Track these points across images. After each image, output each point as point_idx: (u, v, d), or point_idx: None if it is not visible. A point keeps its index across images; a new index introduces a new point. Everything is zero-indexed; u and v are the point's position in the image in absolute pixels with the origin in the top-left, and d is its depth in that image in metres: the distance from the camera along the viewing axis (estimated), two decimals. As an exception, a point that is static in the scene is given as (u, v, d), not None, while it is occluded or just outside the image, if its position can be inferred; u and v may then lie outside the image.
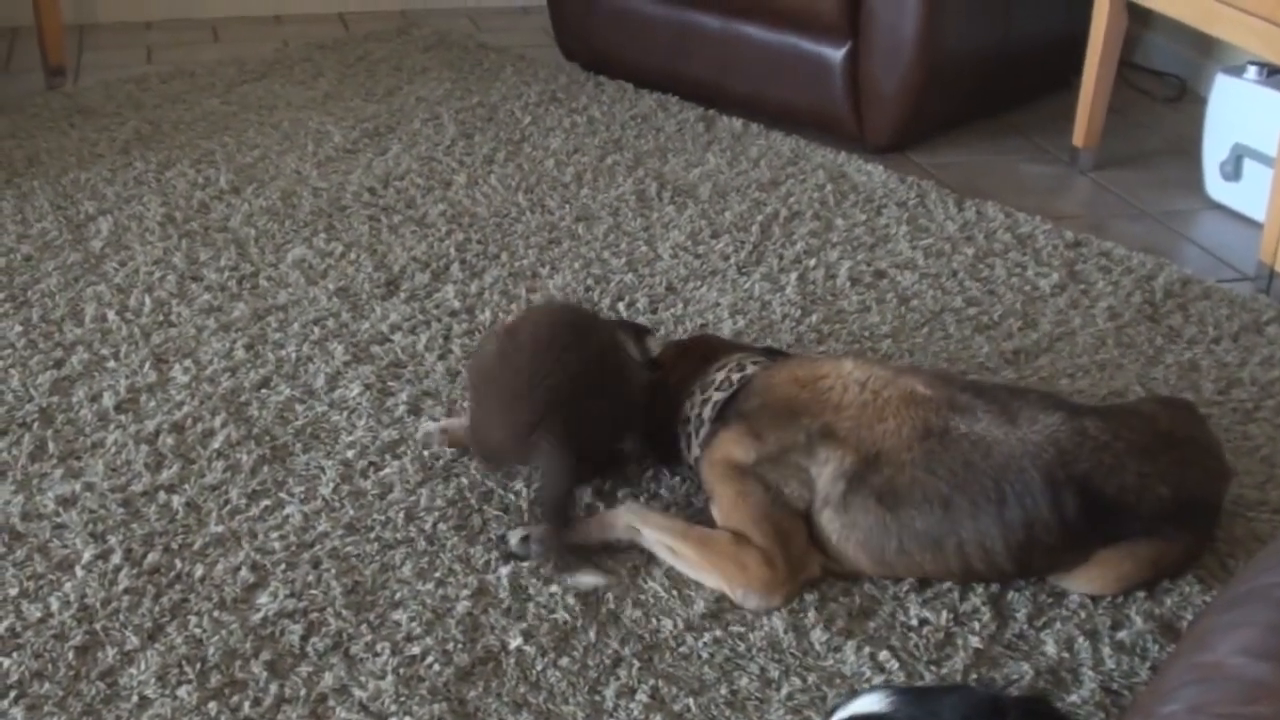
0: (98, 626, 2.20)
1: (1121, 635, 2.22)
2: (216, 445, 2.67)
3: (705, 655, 2.17)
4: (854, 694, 1.73)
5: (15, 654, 2.14)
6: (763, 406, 2.38)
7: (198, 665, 2.12)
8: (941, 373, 2.41)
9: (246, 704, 2.05)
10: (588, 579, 2.30)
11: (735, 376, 2.47)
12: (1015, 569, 2.27)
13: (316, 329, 3.09)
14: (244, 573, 2.33)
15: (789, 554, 2.27)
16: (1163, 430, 2.31)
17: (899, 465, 2.24)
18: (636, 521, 2.38)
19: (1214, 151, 3.95)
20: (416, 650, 2.16)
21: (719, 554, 2.29)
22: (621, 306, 3.20)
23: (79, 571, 2.32)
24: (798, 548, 2.29)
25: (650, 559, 2.36)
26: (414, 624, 2.22)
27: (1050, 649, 2.19)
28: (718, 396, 2.46)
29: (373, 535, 2.43)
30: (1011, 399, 2.31)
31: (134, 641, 2.17)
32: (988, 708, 1.61)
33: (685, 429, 2.51)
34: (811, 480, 2.28)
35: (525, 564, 2.35)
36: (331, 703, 2.06)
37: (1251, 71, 3.87)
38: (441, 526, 2.45)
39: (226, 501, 2.51)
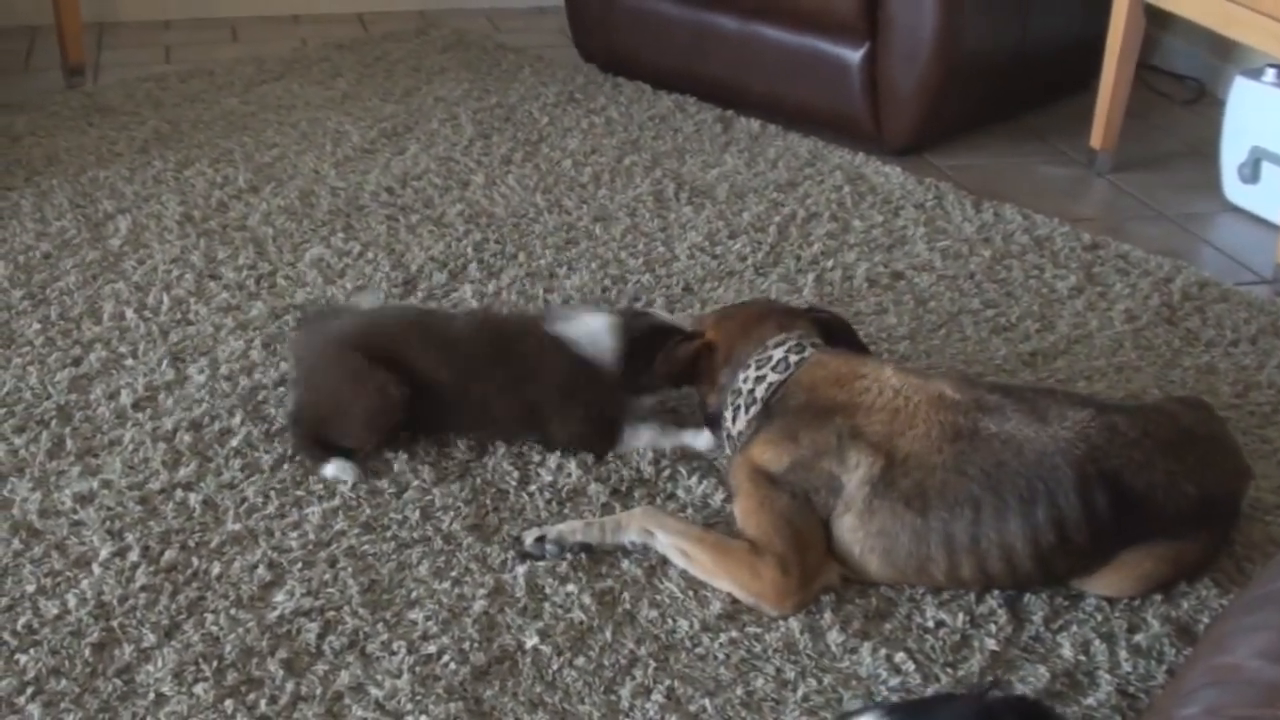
0: (115, 624, 2.20)
1: (1138, 638, 2.22)
2: (234, 444, 2.68)
3: (721, 656, 2.17)
4: (847, 715, 1.73)
5: (32, 650, 2.14)
6: (804, 406, 2.36)
7: (214, 663, 2.13)
8: (969, 376, 2.40)
9: (263, 702, 2.06)
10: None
11: (794, 359, 2.44)
12: (1039, 573, 2.26)
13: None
14: (261, 571, 2.33)
15: (805, 563, 2.26)
16: (1186, 428, 2.30)
17: (929, 468, 2.23)
18: (651, 524, 2.38)
19: (1232, 154, 3.94)
20: (433, 649, 2.17)
21: (733, 561, 2.29)
22: (639, 307, 3.19)
23: (96, 569, 2.32)
24: (815, 557, 2.28)
25: (666, 559, 2.36)
26: (430, 623, 2.22)
27: (1066, 652, 2.19)
28: (774, 377, 2.43)
29: (389, 534, 2.44)
30: (1038, 397, 2.31)
31: (151, 639, 2.17)
32: (980, 716, 1.61)
33: (735, 400, 2.49)
34: (841, 486, 2.27)
35: (541, 563, 2.35)
36: (348, 701, 2.07)
37: (1270, 74, 3.86)
38: (457, 525, 2.46)
39: (244, 500, 2.52)
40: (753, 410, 2.44)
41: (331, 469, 2.58)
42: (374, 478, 2.58)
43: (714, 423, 2.58)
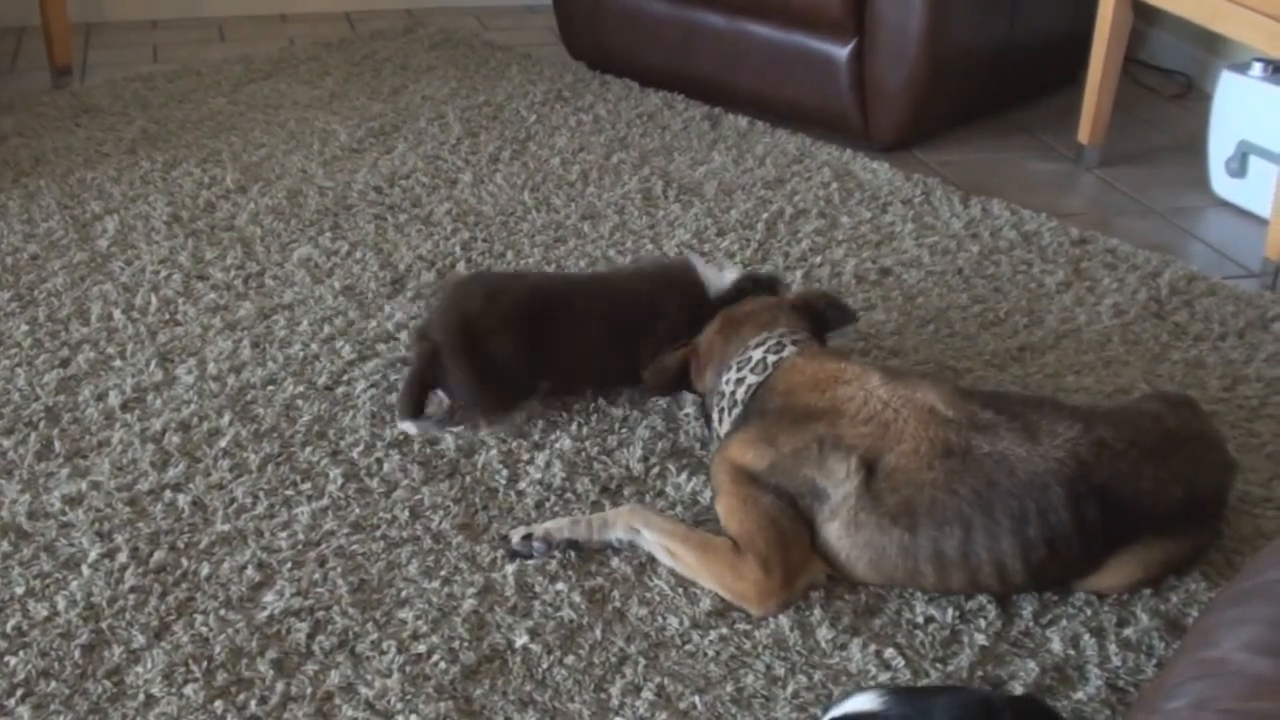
0: (104, 625, 2.20)
1: (1127, 632, 2.22)
2: (223, 444, 2.67)
3: (711, 653, 2.17)
4: (846, 694, 1.73)
5: (22, 652, 2.14)
6: (782, 410, 2.35)
7: (204, 664, 2.13)
8: (960, 389, 2.38)
9: (253, 702, 2.06)
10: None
11: (772, 359, 2.44)
12: (1030, 584, 2.27)
13: (323, 327, 3.09)
14: (250, 571, 2.33)
15: (788, 562, 2.26)
16: (1170, 430, 2.31)
17: (918, 485, 2.22)
18: (638, 522, 2.38)
19: (1219, 148, 3.94)
20: (423, 648, 2.17)
21: (716, 560, 2.29)
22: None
23: (85, 570, 2.32)
24: (798, 556, 2.28)
25: (655, 557, 2.36)
26: (420, 622, 2.22)
27: (1056, 646, 2.19)
28: (752, 379, 2.44)
29: (379, 533, 2.44)
30: (1029, 411, 2.28)
31: (140, 640, 2.17)
32: (980, 708, 1.61)
33: (719, 402, 2.50)
34: (825, 494, 2.27)
35: (530, 562, 2.35)
36: (338, 701, 2.07)
37: (1257, 68, 3.86)
38: (446, 524, 2.46)
39: (233, 500, 2.52)
40: (734, 412, 2.44)
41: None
42: (364, 476, 2.58)
43: (709, 424, 2.59)
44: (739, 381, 2.45)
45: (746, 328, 2.54)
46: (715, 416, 2.51)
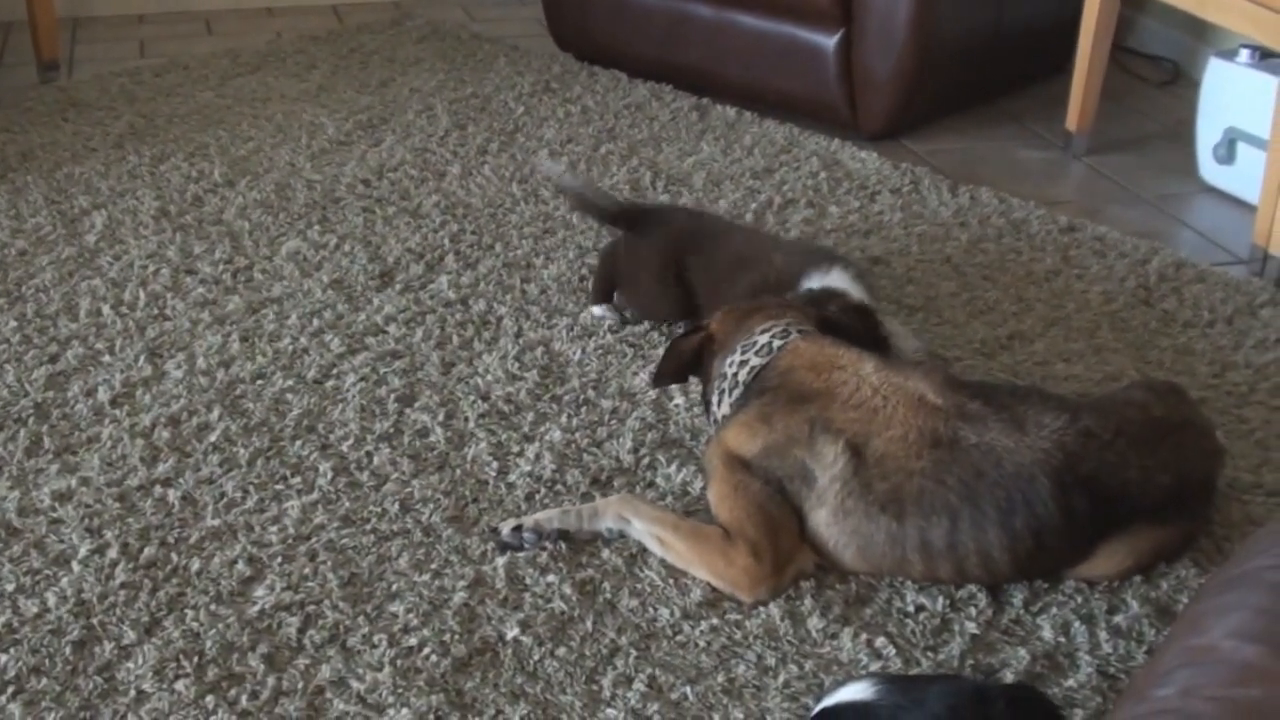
0: (95, 621, 2.20)
1: (1118, 619, 2.22)
2: (212, 439, 2.67)
3: (702, 643, 2.17)
4: (839, 683, 1.73)
5: (12, 649, 2.14)
6: (779, 388, 2.36)
7: (195, 659, 2.13)
8: (951, 378, 2.38)
9: (244, 697, 2.06)
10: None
11: (777, 344, 2.44)
12: (1017, 575, 2.27)
13: (311, 321, 3.09)
14: (240, 566, 2.33)
15: (778, 549, 2.27)
16: (1157, 418, 2.31)
17: (906, 474, 2.22)
18: (628, 512, 2.38)
19: (1207, 135, 3.95)
20: (414, 641, 2.17)
21: (707, 547, 2.29)
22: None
23: (75, 566, 2.32)
24: (788, 543, 2.28)
25: (645, 547, 2.36)
26: (411, 615, 2.22)
27: (1047, 634, 2.20)
28: (755, 361, 2.44)
29: (369, 527, 2.43)
30: (1017, 403, 2.28)
31: (131, 636, 2.17)
32: (973, 697, 1.61)
33: (720, 384, 2.50)
34: (813, 477, 2.27)
35: (521, 554, 2.35)
36: (329, 695, 2.07)
37: (1244, 55, 3.86)
38: (437, 517, 2.46)
39: (222, 495, 2.51)
40: (734, 394, 2.45)
41: (599, 310, 3.15)
42: (354, 470, 2.58)
43: (708, 410, 2.59)
44: (742, 364, 2.45)
45: (755, 317, 2.54)
46: (715, 400, 2.51)
